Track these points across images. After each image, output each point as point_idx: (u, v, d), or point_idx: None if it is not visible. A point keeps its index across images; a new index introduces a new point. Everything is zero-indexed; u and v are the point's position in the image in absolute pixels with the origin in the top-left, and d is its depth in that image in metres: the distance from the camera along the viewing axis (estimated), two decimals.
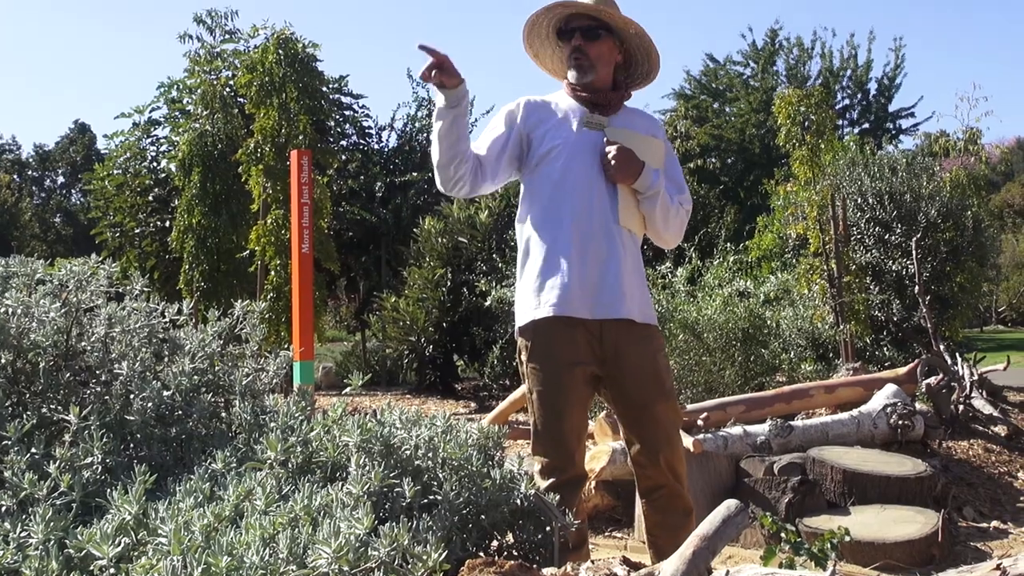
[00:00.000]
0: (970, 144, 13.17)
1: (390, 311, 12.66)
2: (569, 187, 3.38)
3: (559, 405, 3.32)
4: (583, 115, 3.45)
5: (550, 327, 3.32)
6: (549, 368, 3.32)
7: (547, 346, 3.33)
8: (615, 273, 3.35)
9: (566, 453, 3.32)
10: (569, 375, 3.31)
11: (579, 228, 3.35)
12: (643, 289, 3.50)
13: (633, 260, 3.45)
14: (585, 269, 3.32)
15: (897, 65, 29.90)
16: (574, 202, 3.36)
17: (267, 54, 11.04)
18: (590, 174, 3.39)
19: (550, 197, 3.40)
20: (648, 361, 3.40)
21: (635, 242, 3.49)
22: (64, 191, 53.35)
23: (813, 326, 9.57)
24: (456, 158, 3.34)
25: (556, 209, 3.38)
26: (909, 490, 5.05)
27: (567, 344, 3.31)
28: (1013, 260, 32.52)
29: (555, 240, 3.36)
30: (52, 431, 2.57)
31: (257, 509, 2.06)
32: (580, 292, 3.31)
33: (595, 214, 3.37)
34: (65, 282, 2.82)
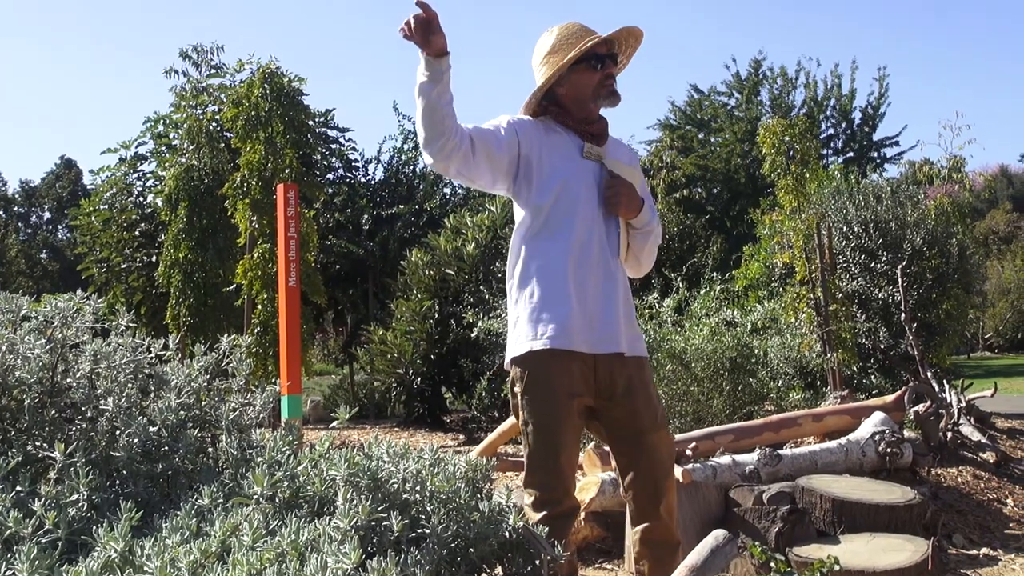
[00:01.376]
0: (954, 172, 13.26)
1: (378, 344, 12.62)
2: (574, 219, 3.36)
3: (556, 437, 3.29)
4: (583, 146, 3.44)
5: (547, 358, 3.28)
6: (546, 399, 3.29)
7: (544, 377, 3.29)
8: (613, 308, 3.36)
9: (561, 485, 3.29)
10: (566, 406, 3.29)
11: (582, 261, 3.34)
12: (635, 322, 3.52)
13: (627, 294, 3.48)
14: (585, 303, 3.31)
15: (881, 94, 30.08)
16: (579, 234, 3.35)
17: (253, 88, 11.06)
18: (593, 206, 3.39)
19: (555, 227, 3.37)
20: (641, 391, 3.40)
21: (626, 275, 3.52)
22: (50, 227, 53.28)
23: (800, 355, 9.58)
24: (442, 136, 3.20)
25: (560, 239, 3.35)
26: (898, 518, 5.04)
27: (564, 375, 3.28)
28: (999, 287, 32.64)
29: (557, 271, 3.33)
30: (37, 468, 2.56)
31: (244, 545, 2.04)
32: (580, 326, 3.29)
33: (596, 247, 3.37)
34: (50, 318, 2.82)
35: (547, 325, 3.29)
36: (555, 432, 3.29)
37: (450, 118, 3.19)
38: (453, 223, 13.11)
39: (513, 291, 3.44)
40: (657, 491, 3.40)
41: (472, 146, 3.26)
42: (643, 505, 3.41)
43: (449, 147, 3.21)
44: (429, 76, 3.13)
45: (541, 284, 3.34)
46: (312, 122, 15.30)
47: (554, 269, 3.33)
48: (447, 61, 3.15)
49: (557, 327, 3.28)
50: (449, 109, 3.19)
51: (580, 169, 3.42)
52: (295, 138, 11.14)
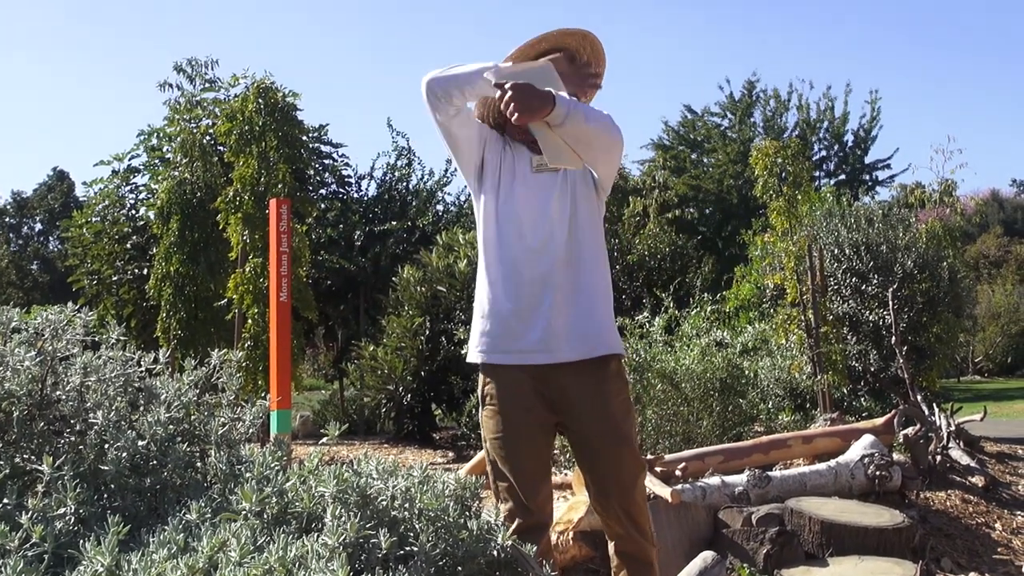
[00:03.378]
0: (945, 196, 13.30)
1: (368, 360, 12.62)
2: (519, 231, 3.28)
3: (508, 451, 3.25)
4: (531, 158, 3.34)
5: (493, 371, 3.28)
6: (493, 412, 3.28)
7: (490, 389, 3.29)
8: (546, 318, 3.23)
9: (522, 500, 3.22)
10: (518, 419, 3.25)
11: (525, 271, 3.25)
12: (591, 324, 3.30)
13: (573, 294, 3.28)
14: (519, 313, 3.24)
15: (873, 117, 30.19)
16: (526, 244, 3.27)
17: (247, 103, 11.07)
18: (536, 216, 3.28)
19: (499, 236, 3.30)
20: (599, 403, 3.27)
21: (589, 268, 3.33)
22: (42, 238, 53.17)
23: (791, 376, 9.58)
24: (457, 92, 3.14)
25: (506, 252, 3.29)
26: (887, 541, 5.04)
27: (512, 388, 3.25)
28: (989, 311, 32.72)
29: (495, 282, 3.29)
30: (25, 481, 2.54)
31: (232, 561, 2.04)
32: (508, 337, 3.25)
33: (547, 259, 3.26)
34: (41, 331, 2.81)
35: (485, 336, 3.28)
36: (504, 447, 3.25)
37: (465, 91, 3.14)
38: (445, 240, 13.13)
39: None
40: (623, 508, 3.31)
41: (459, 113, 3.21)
42: (609, 521, 3.37)
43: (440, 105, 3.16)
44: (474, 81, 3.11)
45: (482, 294, 3.32)
46: (306, 137, 15.37)
47: (493, 280, 3.29)
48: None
49: (492, 340, 3.26)
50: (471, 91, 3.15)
51: (529, 183, 3.32)
52: (288, 153, 11.15)
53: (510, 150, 3.38)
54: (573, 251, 3.28)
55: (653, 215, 22.56)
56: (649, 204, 23.45)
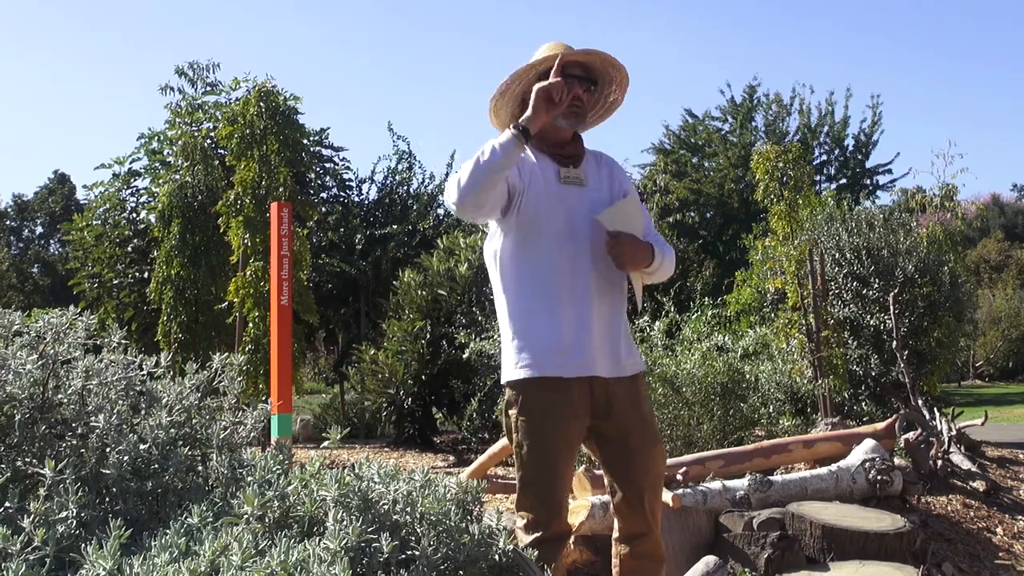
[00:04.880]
0: (946, 200, 13.29)
1: (369, 363, 12.60)
2: (558, 245, 3.39)
3: (549, 461, 3.34)
4: (558, 171, 3.46)
5: (540, 383, 3.34)
6: (540, 423, 3.33)
7: (538, 401, 3.34)
8: (605, 331, 3.40)
9: (553, 509, 3.33)
10: (561, 430, 3.34)
11: (571, 286, 3.37)
12: (629, 338, 3.55)
13: (620, 312, 3.52)
14: (562, 330, 3.35)
15: (874, 122, 30.17)
16: (563, 261, 3.38)
17: (248, 106, 11.08)
18: (576, 231, 3.41)
19: (536, 254, 3.40)
20: (637, 408, 3.46)
21: (622, 291, 3.55)
22: (42, 241, 53.18)
23: (792, 380, 9.59)
24: (484, 202, 3.26)
25: (548, 266, 3.39)
26: (888, 546, 5.04)
27: (558, 398, 3.33)
28: (990, 315, 32.69)
29: (547, 297, 3.37)
30: (27, 485, 2.54)
31: (233, 565, 2.04)
32: (574, 351, 3.34)
33: (584, 272, 3.39)
34: (42, 334, 2.81)
35: (530, 354, 3.35)
36: (548, 456, 3.33)
37: (499, 188, 3.27)
38: (446, 244, 13.11)
39: (506, 314, 3.47)
40: (650, 508, 3.45)
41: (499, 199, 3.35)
42: (634, 521, 3.46)
43: (484, 210, 3.34)
44: (509, 150, 3.19)
45: (527, 314, 3.39)
46: (307, 141, 15.37)
47: (536, 298, 3.39)
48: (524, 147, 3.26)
49: (540, 356, 3.34)
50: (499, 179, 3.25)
51: (561, 196, 3.43)
52: (289, 157, 11.16)
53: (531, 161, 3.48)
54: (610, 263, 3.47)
55: (654, 219, 22.57)
56: (650, 208, 23.46)
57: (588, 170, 3.56)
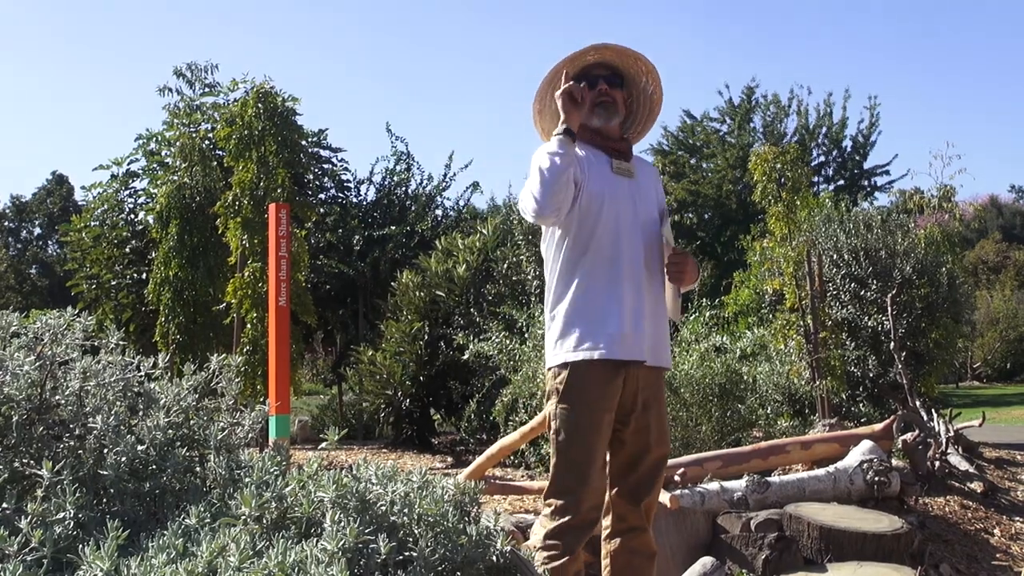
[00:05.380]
0: (944, 201, 13.29)
1: (367, 364, 12.61)
2: (611, 234, 3.54)
3: (590, 447, 3.45)
4: (611, 162, 3.62)
5: (588, 370, 3.45)
6: (583, 410, 3.45)
7: (583, 388, 3.45)
8: (643, 320, 3.52)
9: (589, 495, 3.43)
10: (602, 420, 3.46)
11: (618, 274, 3.51)
12: (664, 334, 3.69)
13: (659, 307, 3.65)
14: (623, 315, 3.47)
15: (872, 123, 30.19)
16: (616, 249, 3.53)
17: (246, 107, 11.06)
18: (627, 221, 3.58)
19: (595, 242, 3.53)
20: (655, 408, 3.62)
21: (658, 283, 3.67)
22: (40, 242, 53.14)
23: (789, 382, 9.59)
24: (563, 204, 3.42)
25: (599, 254, 3.52)
26: (886, 547, 5.04)
27: (601, 389, 3.45)
28: (987, 316, 32.71)
29: (597, 285, 3.50)
30: (24, 486, 2.54)
31: (231, 565, 2.04)
32: (617, 338, 3.45)
33: (632, 262, 3.55)
34: (40, 335, 2.81)
35: (584, 336, 3.46)
36: (589, 443, 3.44)
37: (570, 187, 3.44)
38: (444, 245, 13.12)
39: (555, 300, 3.60)
40: (649, 504, 3.59)
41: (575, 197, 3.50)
42: (632, 516, 3.58)
43: (563, 211, 3.46)
44: (563, 152, 3.38)
45: (581, 299, 3.51)
46: (305, 142, 15.35)
47: (594, 283, 3.50)
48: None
49: (599, 340, 3.44)
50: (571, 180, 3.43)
51: (615, 185, 3.60)
52: (288, 158, 11.15)
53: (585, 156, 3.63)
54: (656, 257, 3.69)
55: None
56: None
57: (637, 169, 3.73)
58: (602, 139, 3.65)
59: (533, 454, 8.47)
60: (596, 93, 3.63)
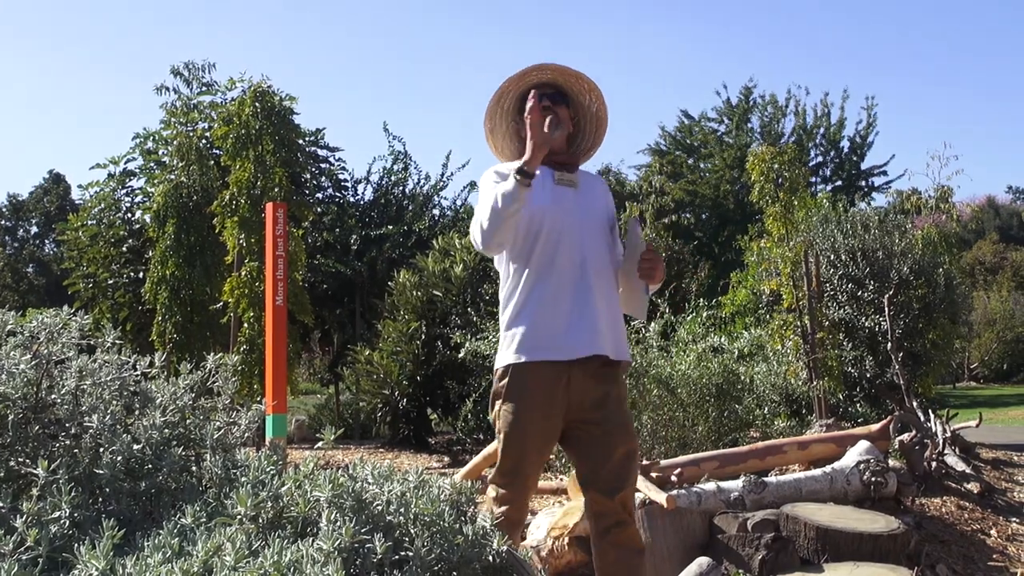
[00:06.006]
0: (941, 202, 13.28)
1: (364, 364, 12.60)
2: (558, 242, 3.65)
3: (522, 448, 3.61)
4: (553, 174, 3.74)
5: (524, 372, 3.59)
6: (518, 412, 3.58)
7: (519, 391, 3.59)
8: (589, 316, 3.61)
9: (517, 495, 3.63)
10: (537, 422, 3.58)
11: (570, 281, 3.63)
12: (619, 330, 3.75)
13: (610, 305, 3.73)
14: (560, 317, 3.59)
15: (869, 124, 30.23)
16: (557, 255, 3.64)
17: (244, 107, 11.06)
18: (572, 229, 3.68)
19: (538, 251, 3.66)
20: (621, 404, 3.70)
21: (614, 286, 3.80)
22: (37, 241, 53.08)
23: (787, 382, 9.59)
24: (505, 241, 3.61)
25: (541, 261, 3.65)
26: (882, 547, 5.04)
27: (538, 391, 3.57)
28: (985, 317, 32.72)
29: (539, 291, 3.63)
30: (20, 484, 2.54)
31: (227, 565, 2.03)
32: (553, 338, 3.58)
33: (580, 267, 3.64)
34: (36, 334, 2.80)
35: (523, 339, 3.60)
36: (522, 442, 3.60)
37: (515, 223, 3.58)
38: (441, 244, 13.12)
39: (502, 308, 3.77)
40: (624, 498, 3.64)
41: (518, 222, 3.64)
42: (611, 510, 3.62)
43: (506, 245, 3.67)
44: (516, 196, 3.48)
45: (524, 303, 3.66)
46: (302, 141, 15.35)
47: (535, 289, 3.64)
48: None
49: (532, 341, 3.59)
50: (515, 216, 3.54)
51: (557, 196, 3.72)
52: (285, 157, 11.15)
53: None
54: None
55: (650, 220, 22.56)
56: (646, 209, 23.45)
57: (581, 179, 3.85)
58: (547, 155, 3.70)
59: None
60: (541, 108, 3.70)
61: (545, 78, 3.83)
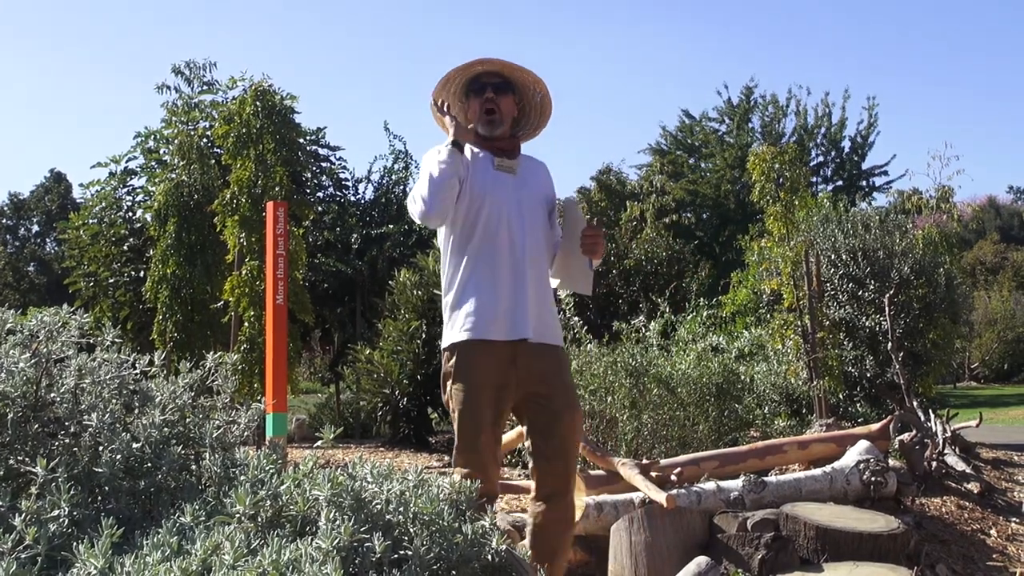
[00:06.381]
0: (942, 202, 13.27)
1: (364, 363, 12.60)
2: (491, 226, 3.86)
3: (475, 421, 3.75)
4: (493, 160, 3.97)
5: (468, 349, 3.78)
6: (467, 387, 3.76)
7: (466, 366, 3.78)
8: (524, 301, 3.81)
9: (480, 466, 3.67)
10: (485, 394, 3.75)
11: (498, 262, 3.84)
12: (548, 314, 3.99)
13: (542, 290, 3.96)
14: (500, 299, 3.80)
15: (870, 123, 30.23)
16: (496, 239, 3.86)
17: (244, 105, 11.06)
18: (511, 213, 3.90)
19: (477, 234, 3.87)
20: (560, 375, 3.91)
21: (547, 270, 4.06)
22: (38, 240, 53.12)
23: (787, 381, 9.59)
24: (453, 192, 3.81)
25: (481, 245, 3.87)
26: (882, 547, 5.04)
27: (483, 365, 3.76)
28: (985, 317, 32.72)
29: (478, 273, 3.85)
30: (19, 483, 2.54)
31: (225, 564, 2.03)
32: (494, 318, 3.78)
33: (511, 250, 3.86)
34: (36, 332, 2.80)
35: (467, 319, 3.80)
36: (475, 417, 3.75)
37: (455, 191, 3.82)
38: None
39: (444, 290, 3.97)
40: (567, 470, 3.87)
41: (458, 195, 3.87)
42: (551, 480, 3.84)
43: (447, 215, 3.85)
44: (451, 160, 3.77)
45: (465, 285, 3.87)
46: (303, 140, 15.34)
47: (476, 271, 3.85)
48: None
49: (475, 320, 3.78)
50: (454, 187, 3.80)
51: (497, 181, 3.93)
52: (286, 156, 11.14)
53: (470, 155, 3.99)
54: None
55: (650, 220, 22.57)
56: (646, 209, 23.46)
57: (523, 165, 4.06)
58: (489, 142, 4.00)
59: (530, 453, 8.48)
60: (483, 101, 3.99)
61: (492, 68, 4.04)
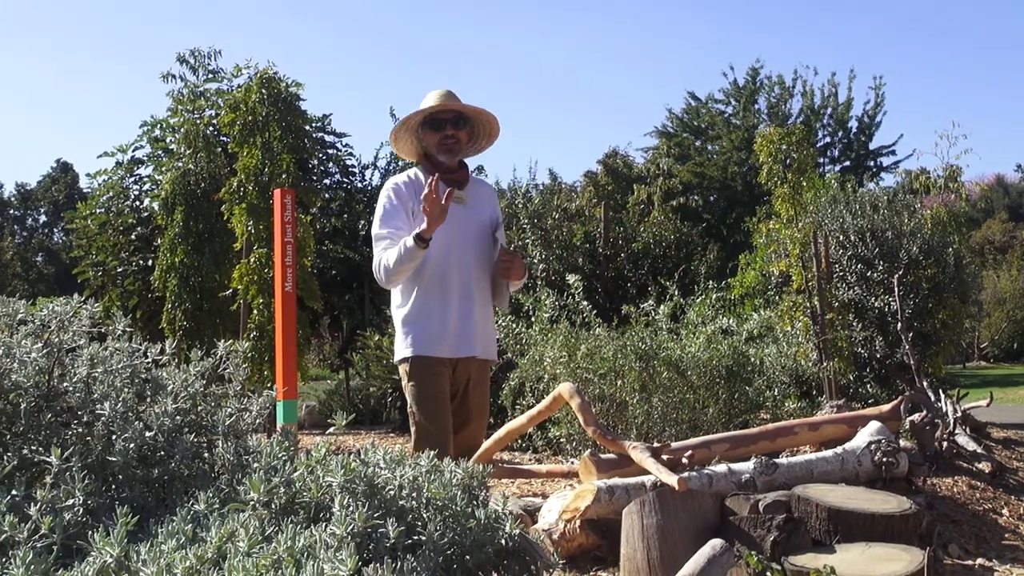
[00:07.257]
0: (950, 181, 13.22)
1: (373, 349, 12.61)
2: (447, 255, 4.57)
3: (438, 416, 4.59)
4: (444, 190, 4.37)
5: (423, 361, 4.61)
6: (426, 390, 4.61)
7: (423, 375, 4.61)
8: (470, 323, 4.66)
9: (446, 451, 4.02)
10: (441, 394, 4.62)
11: (445, 287, 4.59)
12: (489, 330, 4.88)
13: (484, 310, 4.77)
14: (447, 320, 4.61)
15: (877, 103, 30.15)
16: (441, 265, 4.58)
17: (250, 93, 11.04)
18: (459, 242, 4.62)
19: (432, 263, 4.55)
20: (477, 390, 4.82)
21: (486, 290, 4.78)
22: (46, 230, 53.23)
23: (797, 363, 9.56)
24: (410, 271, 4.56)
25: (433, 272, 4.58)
26: (894, 528, 5.03)
27: (435, 374, 4.62)
28: (995, 297, 32.70)
29: (428, 294, 4.60)
30: (33, 472, 2.55)
31: (240, 551, 2.04)
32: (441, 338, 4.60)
33: (457, 275, 4.62)
34: (47, 322, 2.81)
35: (417, 339, 4.62)
36: (437, 412, 4.60)
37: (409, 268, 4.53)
38: None
39: (398, 305, 4.75)
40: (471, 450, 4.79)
41: None
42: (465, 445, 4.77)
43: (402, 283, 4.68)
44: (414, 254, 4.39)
45: (420, 308, 4.64)
46: (309, 127, 15.32)
47: (428, 296, 4.61)
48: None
49: (426, 339, 4.60)
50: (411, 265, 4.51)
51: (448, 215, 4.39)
52: (292, 143, 11.13)
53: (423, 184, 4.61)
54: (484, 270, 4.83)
55: (657, 203, 22.55)
56: (653, 192, 23.44)
57: (470, 192, 4.77)
58: (441, 171, 4.56)
59: (540, 438, 8.47)
60: (444, 136, 4.68)
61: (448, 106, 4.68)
